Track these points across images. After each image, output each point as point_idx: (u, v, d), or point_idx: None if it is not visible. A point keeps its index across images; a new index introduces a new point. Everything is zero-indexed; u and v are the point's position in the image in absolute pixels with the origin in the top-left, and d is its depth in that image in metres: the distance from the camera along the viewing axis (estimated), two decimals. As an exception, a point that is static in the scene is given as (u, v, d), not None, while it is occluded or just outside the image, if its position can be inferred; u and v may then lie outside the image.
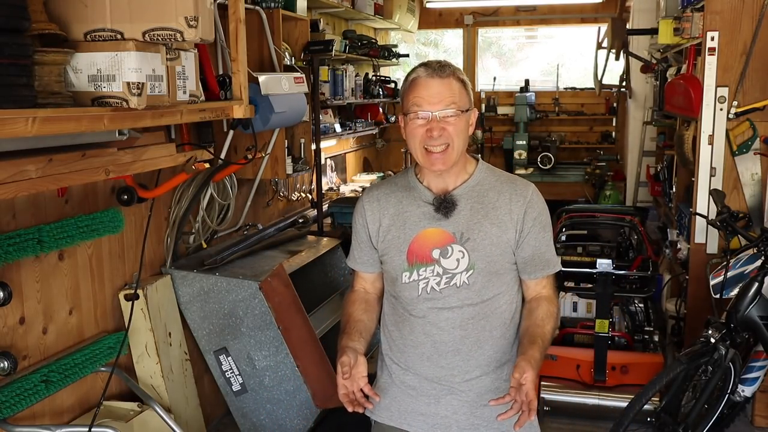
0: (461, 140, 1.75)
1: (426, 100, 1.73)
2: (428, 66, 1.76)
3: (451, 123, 1.73)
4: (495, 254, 1.77)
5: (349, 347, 1.75)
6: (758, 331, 2.92)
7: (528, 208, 1.80)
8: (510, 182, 1.84)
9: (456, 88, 1.75)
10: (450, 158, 1.75)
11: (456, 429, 1.83)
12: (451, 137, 1.73)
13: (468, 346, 1.80)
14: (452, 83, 1.74)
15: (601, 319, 3.70)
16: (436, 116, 1.72)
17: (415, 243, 1.79)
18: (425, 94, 1.73)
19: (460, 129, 1.74)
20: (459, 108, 1.74)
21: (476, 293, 1.78)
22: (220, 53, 3.12)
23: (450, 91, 1.74)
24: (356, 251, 1.95)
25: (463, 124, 1.75)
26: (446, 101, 1.73)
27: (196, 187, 3.22)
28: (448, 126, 1.72)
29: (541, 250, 1.82)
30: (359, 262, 1.95)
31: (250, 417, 3.30)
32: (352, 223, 1.95)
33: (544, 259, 1.83)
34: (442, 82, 1.74)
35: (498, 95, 7.87)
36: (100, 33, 1.88)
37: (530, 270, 1.83)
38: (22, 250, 2.25)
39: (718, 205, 3.18)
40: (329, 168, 5.60)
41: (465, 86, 1.77)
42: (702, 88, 3.57)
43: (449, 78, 1.74)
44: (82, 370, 2.57)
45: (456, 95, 1.74)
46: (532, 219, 1.80)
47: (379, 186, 1.93)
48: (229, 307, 3.16)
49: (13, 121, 1.58)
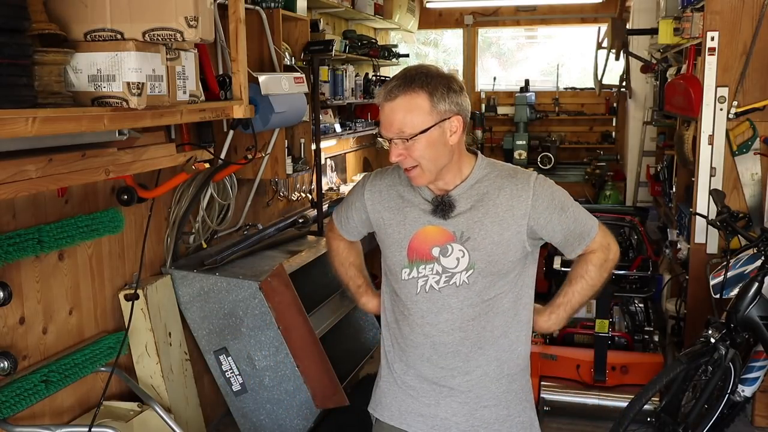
0: (429, 158, 1.69)
1: (383, 126, 1.72)
2: (386, 85, 1.70)
3: (412, 146, 1.68)
4: (497, 253, 1.74)
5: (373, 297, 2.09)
6: (758, 331, 2.91)
7: (535, 201, 1.74)
8: (510, 176, 1.78)
9: (411, 106, 1.66)
10: (424, 176, 1.72)
11: (455, 431, 1.82)
12: (418, 158, 1.69)
13: (468, 348, 1.79)
14: (406, 103, 1.66)
15: (601, 319, 3.70)
16: (394, 141, 1.69)
17: (415, 240, 1.78)
18: (383, 119, 1.71)
19: (423, 147, 1.67)
20: (407, 135, 1.66)
21: (477, 294, 1.76)
22: (220, 53, 3.11)
23: (400, 114, 1.66)
24: (344, 220, 2.01)
25: (424, 143, 1.67)
26: (396, 128, 1.67)
27: (196, 187, 3.22)
28: (411, 149, 1.68)
29: (570, 229, 1.78)
30: (345, 229, 2.03)
31: (250, 417, 3.30)
32: (349, 195, 2.01)
33: (576, 235, 1.79)
34: (393, 105, 1.67)
35: (498, 95, 7.86)
36: (100, 33, 1.87)
37: (570, 249, 1.82)
38: (22, 250, 2.25)
39: (718, 205, 3.18)
40: (329, 168, 5.60)
41: (431, 97, 1.66)
42: (702, 88, 3.57)
43: (401, 98, 1.66)
44: (82, 370, 2.57)
45: (407, 117, 1.66)
46: (545, 208, 1.75)
47: (384, 176, 1.91)
48: (229, 307, 3.16)
49: (13, 121, 1.58)
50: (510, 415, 1.84)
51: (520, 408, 1.86)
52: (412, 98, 1.66)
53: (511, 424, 1.84)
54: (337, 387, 3.19)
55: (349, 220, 2.00)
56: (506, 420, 1.84)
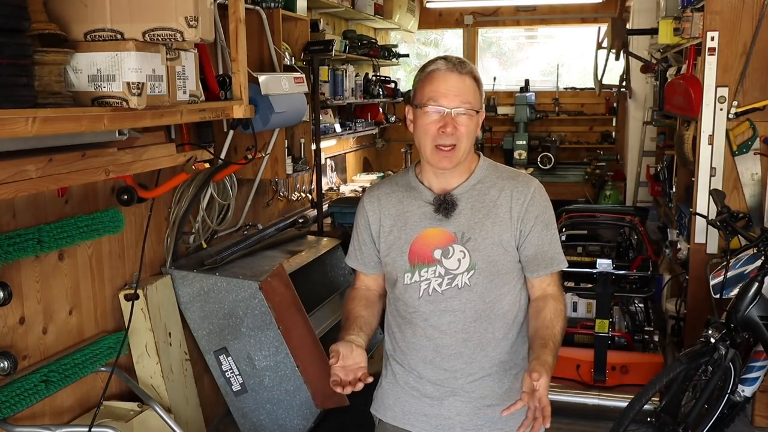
0: (469, 141, 1.72)
1: (443, 95, 1.69)
2: (448, 60, 1.72)
3: (463, 123, 1.69)
4: (497, 254, 1.74)
5: (345, 339, 1.70)
6: (758, 331, 2.91)
7: (529, 206, 1.76)
8: (512, 178, 1.80)
9: (472, 87, 1.71)
10: (456, 157, 1.72)
11: (460, 430, 1.82)
12: (461, 137, 1.70)
13: (470, 349, 1.78)
14: (470, 81, 1.71)
15: (601, 319, 3.70)
16: (450, 113, 1.69)
17: (416, 243, 1.77)
18: (443, 89, 1.69)
19: (470, 129, 1.71)
20: (473, 107, 1.70)
21: (479, 295, 1.75)
22: (220, 53, 3.11)
23: (467, 88, 1.70)
24: (358, 252, 1.92)
25: (473, 124, 1.72)
26: (462, 98, 1.69)
27: (196, 187, 3.22)
28: (460, 126, 1.69)
29: (544, 249, 1.78)
30: (361, 263, 1.93)
31: (250, 417, 3.30)
32: (354, 223, 1.92)
33: (547, 257, 1.79)
34: (461, 78, 1.70)
35: (498, 95, 7.86)
36: (100, 33, 1.87)
37: (534, 268, 1.79)
38: (22, 250, 2.25)
39: (718, 205, 3.18)
40: (329, 168, 5.60)
41: (479, 86, 1.74)
42: (702, 88, 3.57)
43: (467, 75, 1.71)
44: (82, 370, 2.57)
45: (471, 94, 1.71)
46: (534, 217, 1.76)
47: (379, 186, 1.91)
48: (229, 307, 3.16)
49: (13, 121, 1.57)
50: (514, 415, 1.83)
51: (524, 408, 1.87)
52: (473, 81, 1.72)
53: (516, 422, 1.82)
54: (337, 387, 3.19)
55: (362, 247, 1.90)
56: (510, 418, 1.81)
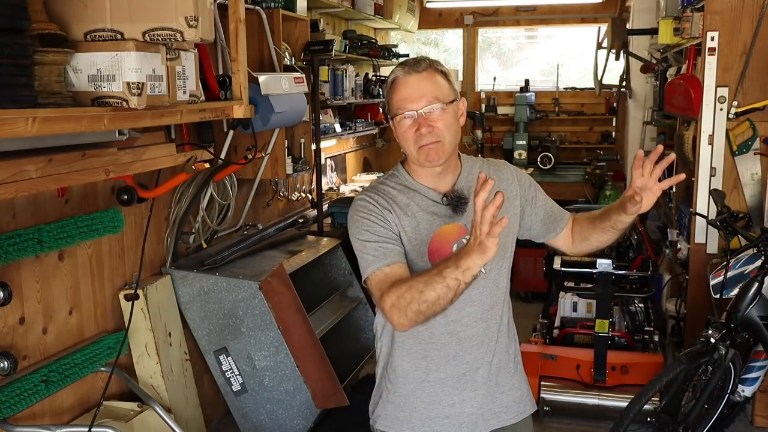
0: (451, 133, 1.72)
1: (408, 100, 1.70)
2: (404, 64, 1.73)
3: (437, 118, 1.70)
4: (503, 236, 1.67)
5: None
6: (758, 331, 2.92)
7: (519, 180, 1.87)
8: (490, 165, 1.88)
9: (435, 81, 1.71)
10: (444, 150, 1.72)
11: (482, 422, 1.84)
12: (440, 132, 1.70)
13: (489, 337, 1.82)
14: (431, 76, 1.71)
15: (601, 319, 3.70)
16: (422, 114, 1.69)
17: (433, 243, 1.75)
18: (406, 94, 1.70)
19: (448, 122, 1.71)
20: (442, 101, 1.70)
21: (493, 282, 1.80)
22: (220, 53, 3.12)
23: (430, 85, 1.70)
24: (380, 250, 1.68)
25: (449, 116, 1.72)
26: (427, 97, 1.69)
27: (196, 187, 3.22)
28: (435, 122, 1.69)
29: (549, 205, 1.93)
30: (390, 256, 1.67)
31: (250, 417, 3.30)
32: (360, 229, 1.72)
33: (556, 210, 1.94)
34: (420, 77, 1.70)
35: (498, 95, 7.86)
36: (100, 33, 1.87)
37: (553, 226, 1.92)
38: (22, 250, 2.25)
39: (718, 205, 3.18)
40: (329, 168, 5.60)
41: (446, 77, 1.74)
42: (702, 88, 3.57)
43: (427, 71, 1.71)
44: (82, 370, 2.57)
45: (437, 88, 1.71)
46: (528, 185, 1.88)
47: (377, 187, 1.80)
48: (229, 307, 3.16)
49: (13, 121, 1.58)
50: (522, 396, 1.91)
51: (525, 387, 1.94)
52: (434, 74, 1.73)
53: (525, 404, 1.91)
54: (337, 387, 3.19)
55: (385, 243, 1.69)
56: (520, 401, 1.90)
